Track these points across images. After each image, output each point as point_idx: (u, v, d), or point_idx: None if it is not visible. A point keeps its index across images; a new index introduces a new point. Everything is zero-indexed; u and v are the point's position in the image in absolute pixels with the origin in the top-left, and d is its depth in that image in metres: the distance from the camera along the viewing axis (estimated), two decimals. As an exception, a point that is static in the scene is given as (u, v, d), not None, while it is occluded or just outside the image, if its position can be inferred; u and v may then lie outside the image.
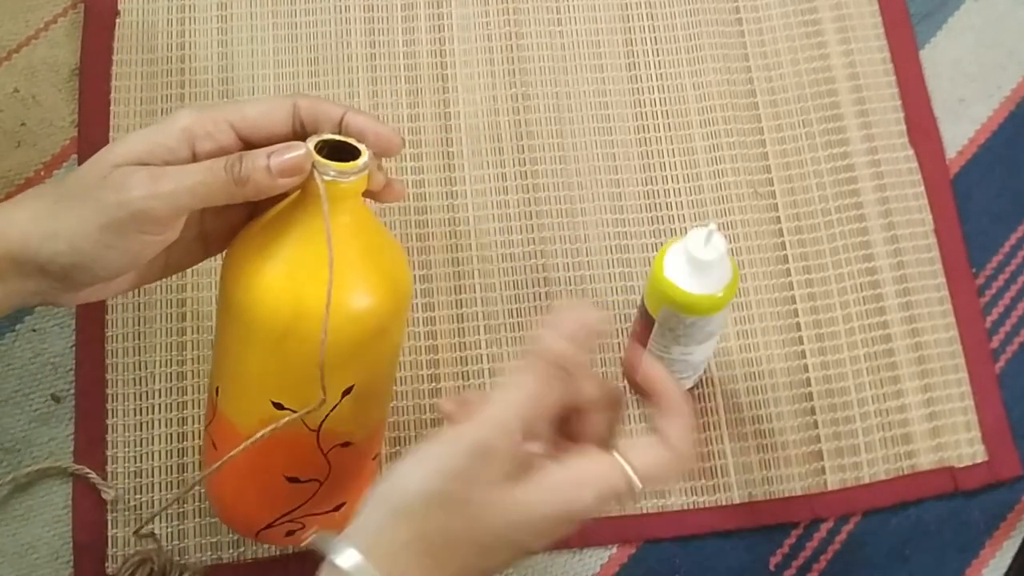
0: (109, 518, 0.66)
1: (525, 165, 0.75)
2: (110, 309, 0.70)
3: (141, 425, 0.68)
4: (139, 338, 0.70)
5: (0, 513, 0.66)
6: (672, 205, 0.74)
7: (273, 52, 0.77)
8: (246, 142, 0.52)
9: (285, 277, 0.50)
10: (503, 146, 0.75)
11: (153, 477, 0.67)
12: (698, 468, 0.68)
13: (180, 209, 0.50)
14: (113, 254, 0.50)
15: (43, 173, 0.73)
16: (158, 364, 0.69)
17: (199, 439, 0.67)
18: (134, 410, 0.68)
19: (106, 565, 0.65)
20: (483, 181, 0.74)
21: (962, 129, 0.77)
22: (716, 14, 0.79)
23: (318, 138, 0.51)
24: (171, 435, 0.68)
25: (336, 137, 0.52)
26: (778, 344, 0.71)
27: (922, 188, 0.75)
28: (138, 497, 0.66)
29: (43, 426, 0.68)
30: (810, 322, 0.72)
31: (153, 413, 0.68)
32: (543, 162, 0.75)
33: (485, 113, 0.76)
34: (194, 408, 0.68)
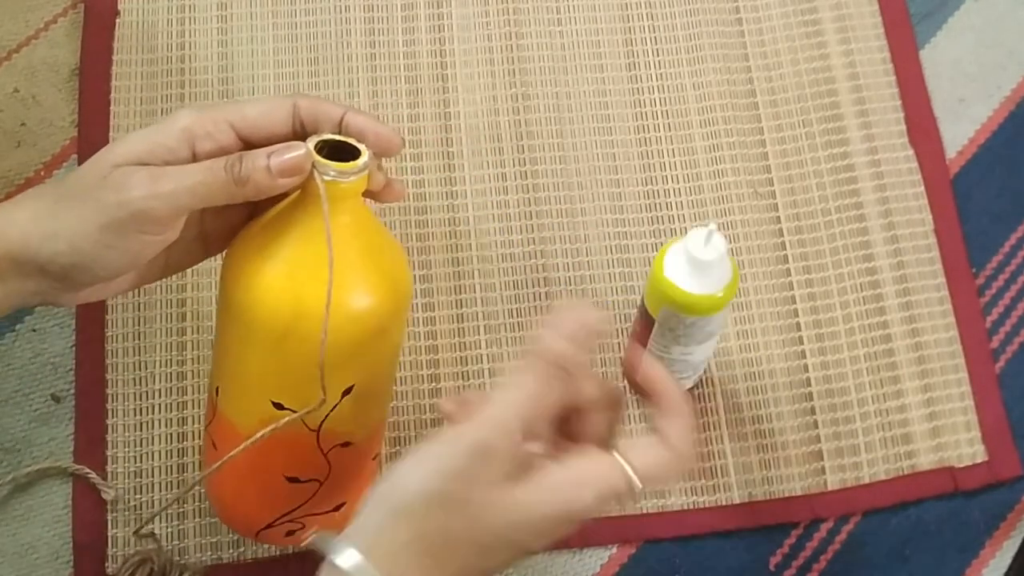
0: (109, 518, 0.66)
1: (525, 165, 0.75)
2: (110, 309, 0.70)
3: (141, 425, 0.68)
4: (139, 338, 0.70)
5: (0, 513, 0.66)
6: (672, 205, 0.74)
7: (273, 52, 0.77)
8: (246, 142, 0.52)
9: (285, 277, 0.50)
10: (503, 146, 0.75)
11: (153, 477, 0.67)
12: (698, 468, 0.68)
13: (180, 209, 0.50)
14: (113, 254, 0.50)
15: (43, 173, 0.73)
16: (158, 364, 0.69)
17: (199, 439, 0.67)
18: (134, 410, 0.68)
19: (106, 565, 0.65)
20: (483, 181, 0.74)
21: (962, 129, 0.77)
22: (716, 14, 0.79)
23: (318, 138, 0.51)
24: (171, 435, 0.68)
25: (336, 137, 0.52)
26: (778, 344, 0.71)
27: (922, 188, 0.75)
28: (138, 497, 0.66)
29: (43, 426, 0.68)
30: (810, 322, 0.72)
31: (153, 413, 0.68)
32: (543, 162, 0.75)
33: (485, 113, 0.76)
34: (194, 408, 0.68)
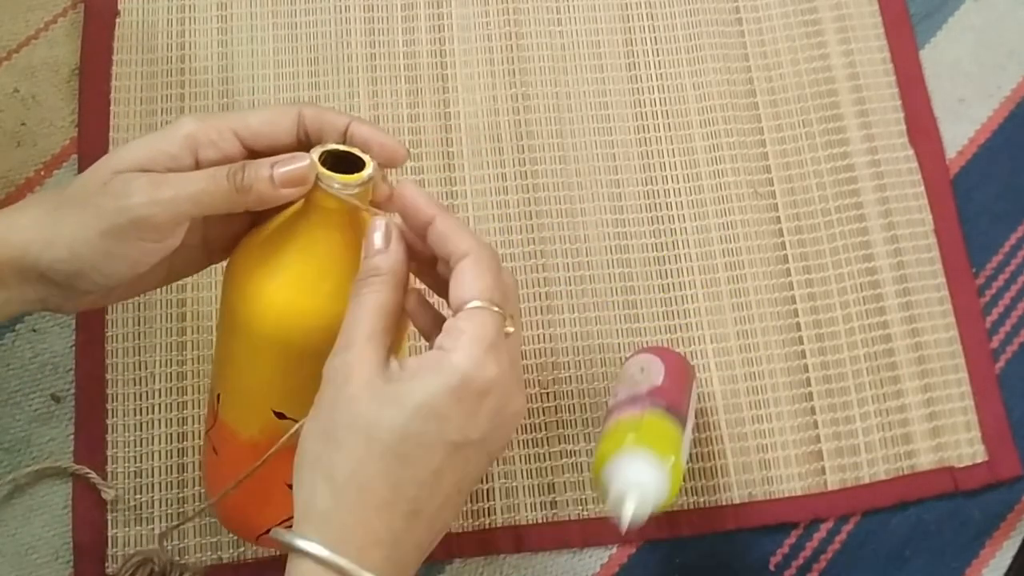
0: (109, 518, 0.66)
1: (525, 165, 0.75)
2: (110, 309, 0.70)
3: (141, 425, 0.68)
4: (139, 338, 0.70)
5: (0, 513, 0.66)
6: (672, 205, 0.74)
7: (273, 52, 0.77)
8: (250, 151, 0.51)
9: (288, 289, 0.50)
10: (503, 146, 0.75)
11: (153, 477, 0.67)
12: (698, 468, 0.68)
13: (180, 216, 0.50)
14: (113, 261, 0.50)
15: (43, 173, 0.73)
16: (158, 364, 0.69)
17: (199, 439, 0.67)
18: (134, 410, 0.68)
19: (106, 565, 0.65)
20: (483, 181, 0.74)
21: (962, 129, 0.77)
22: (716, 14, 0.79)
23: (322, 148, 0.51)
24: (171, 435, 0.68)
25: (341, 147, 0.51)
26: (778, 344, 0.71)
27: (922, 188, 0.75)
28: (138, 497, 0.66)
29: (43, 426, 0.68)
30: (810, 322, 0.72)
31: (153, 413, 0.68)
32: (543, 162, 0.75)
33: (485, 113, 0.76)
34: (194, 408, 0.68)
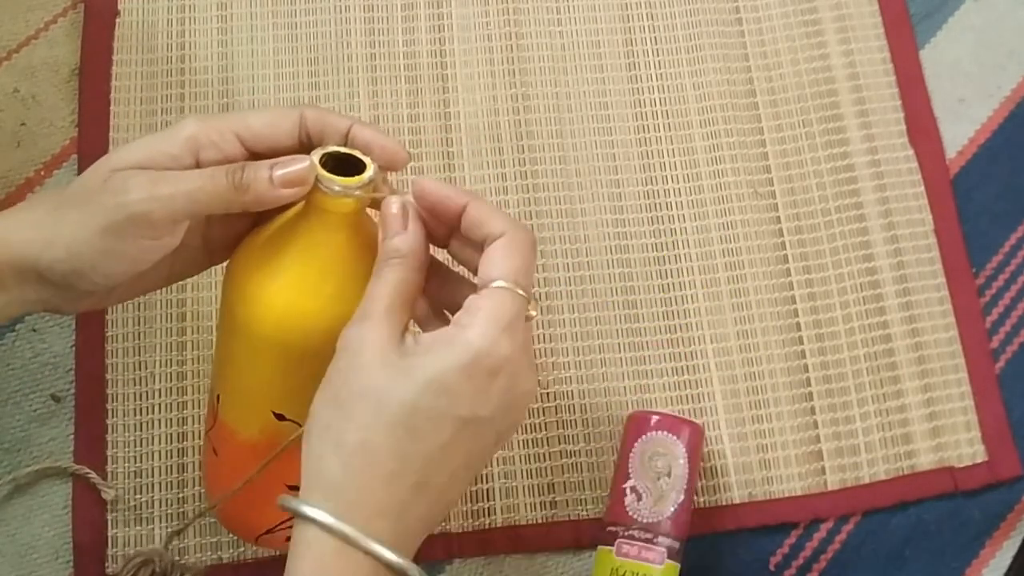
0: (109, 518, 0.66)
1: (525, 165, 0.75)
2: (110, 309, 0.70)
3: (141, 425, 0.68)
4: (139, 338, 0.70)
5: (0, 513, 0.66)
6: (672, 205, 0.74)
7: (273, 52, 0.77)
8: (251, 153, 0.51)
9: (288, 291, 0.50)
10: (503, 146, 0.75)
11: (153, 477, 0.67)
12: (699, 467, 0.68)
13: (178, 214, 0.50)
14: (112, 260, 0.50)
15: (43, 173, 0.73)
16: (158, 364, 0.69)
17: (199, 439, 0.67)
18: (134, 410, 0.68)
19: (106, 565, 0.65)
20: (483, 181, 0.74)
21: (962, 129, 0.77)
22: (716, 14, 0.79)
23: (323, 150, 0.51)
24: (171, 435, 0.68)
25: (342, 149, 0.51)
26: (778, 344, 0.71)
27: (922, 188, 0.75)
28: (138, 497, 0.66)
29: (43, 426, 0.68)
30: (810, 322, 0.72)
31: (153, 413, 0.68)
32: (543, 162, 0.75)
33: (485, 113, 0.76)
34: (194, 408, 0.68)
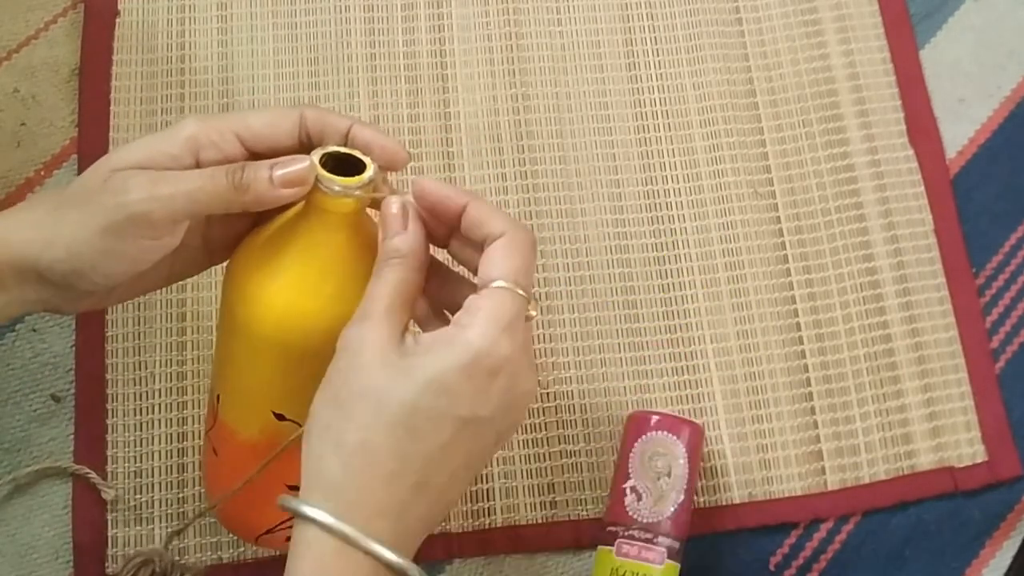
0: (109, 518, 0.66)
1: (525, 165, 0.75)
2: (110, 309, 0.70)
3: (141, 425, 0.68)
4: (139, 338, 0.70)
5: (0, 513, 0.66)
6: (672, 205, 0.74)
7: (273, 52, 0.77)
8: (252, 153, 0.51)
9: (288, 291, 0.50)
10: (503, 146, 0.75)
11: (153, 477, 0.67)
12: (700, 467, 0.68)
13: (177, 213, 0.50)
14: (112, 259, 0.50)
15: (43, 173, 0.73)
16: (158, 364, 0.69)
17: (199, 439, 0.67)
18: (134, 410, 0.68)
19: (106, 565, 0.65)
20: (483, 181, 0.74)
21: (962, 129, 0.77)
22: (716, 14, 0.79)
23: (323, 150, 0.51)
24: (171, 435, 0.68)
25: (342, 149, 0.51)
26: (778, 344, 0.71)
27: (922, 188, 0.75)
28: (138, 497, 0.66)
29: (43, 426, 0.68)
30: (810, 322, 0.72)
31: (153, 413, 0.68)
32: (543, 162, 0.75)
33: (485, 113, 0.76)
34: (194, 408, 0.68)
